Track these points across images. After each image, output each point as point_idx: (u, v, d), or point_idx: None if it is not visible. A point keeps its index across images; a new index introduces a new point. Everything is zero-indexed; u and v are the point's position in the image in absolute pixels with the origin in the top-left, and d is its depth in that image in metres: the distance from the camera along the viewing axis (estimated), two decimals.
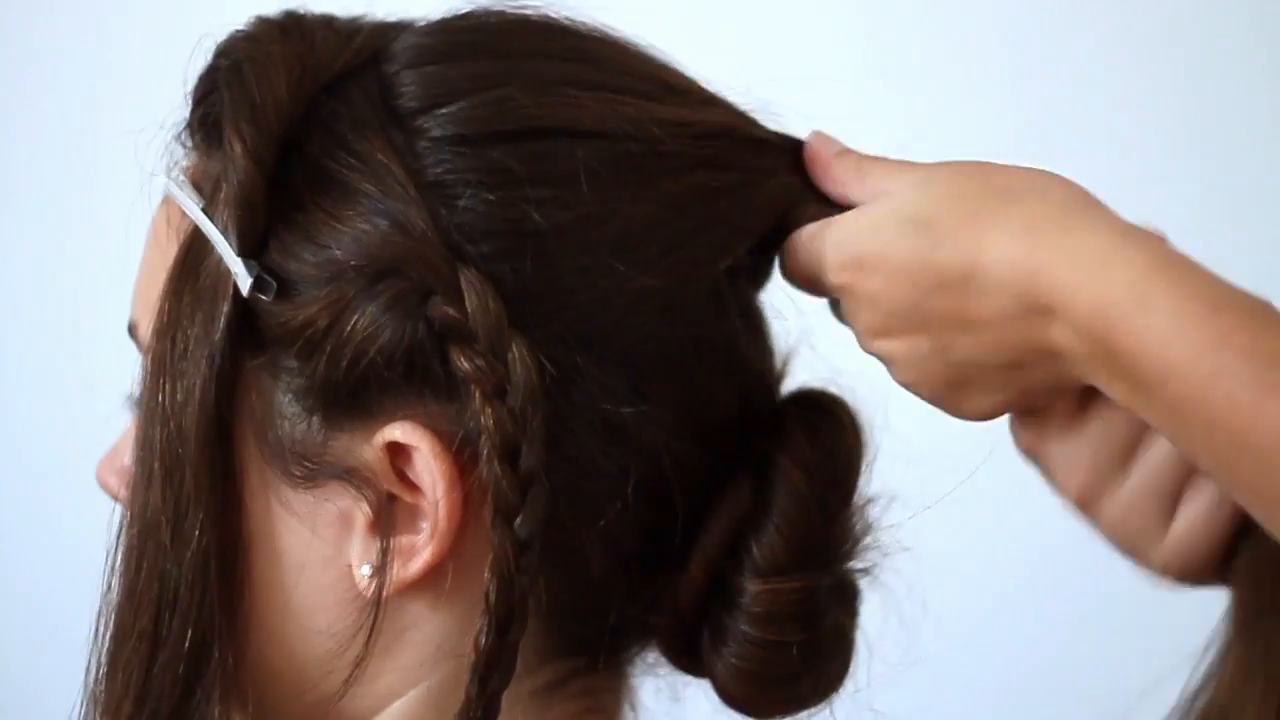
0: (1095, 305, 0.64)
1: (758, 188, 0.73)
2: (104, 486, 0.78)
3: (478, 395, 0.66)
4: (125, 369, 0.76)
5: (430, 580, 0.69)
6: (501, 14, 0.73)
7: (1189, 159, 1.48)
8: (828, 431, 0.74)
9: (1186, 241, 0.70)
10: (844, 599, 0.75)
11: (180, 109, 0.74)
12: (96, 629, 0.70)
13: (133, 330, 0.75)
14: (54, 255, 1.57)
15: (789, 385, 0.78)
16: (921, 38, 1.44)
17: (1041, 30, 1.45)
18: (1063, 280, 0.64)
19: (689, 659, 0.75)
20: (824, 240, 0.71)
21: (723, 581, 0.73)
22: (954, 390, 0.70)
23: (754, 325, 0.75)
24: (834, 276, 0.71)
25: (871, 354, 0.72)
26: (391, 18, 0.75)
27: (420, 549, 0.68)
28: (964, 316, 0.67)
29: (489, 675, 0.67)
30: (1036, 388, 0.69)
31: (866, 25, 1.40)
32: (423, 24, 0.74)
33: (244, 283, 0.68)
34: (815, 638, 0.73)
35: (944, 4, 1.44)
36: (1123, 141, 1.47)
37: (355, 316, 0.67)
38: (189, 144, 0.73)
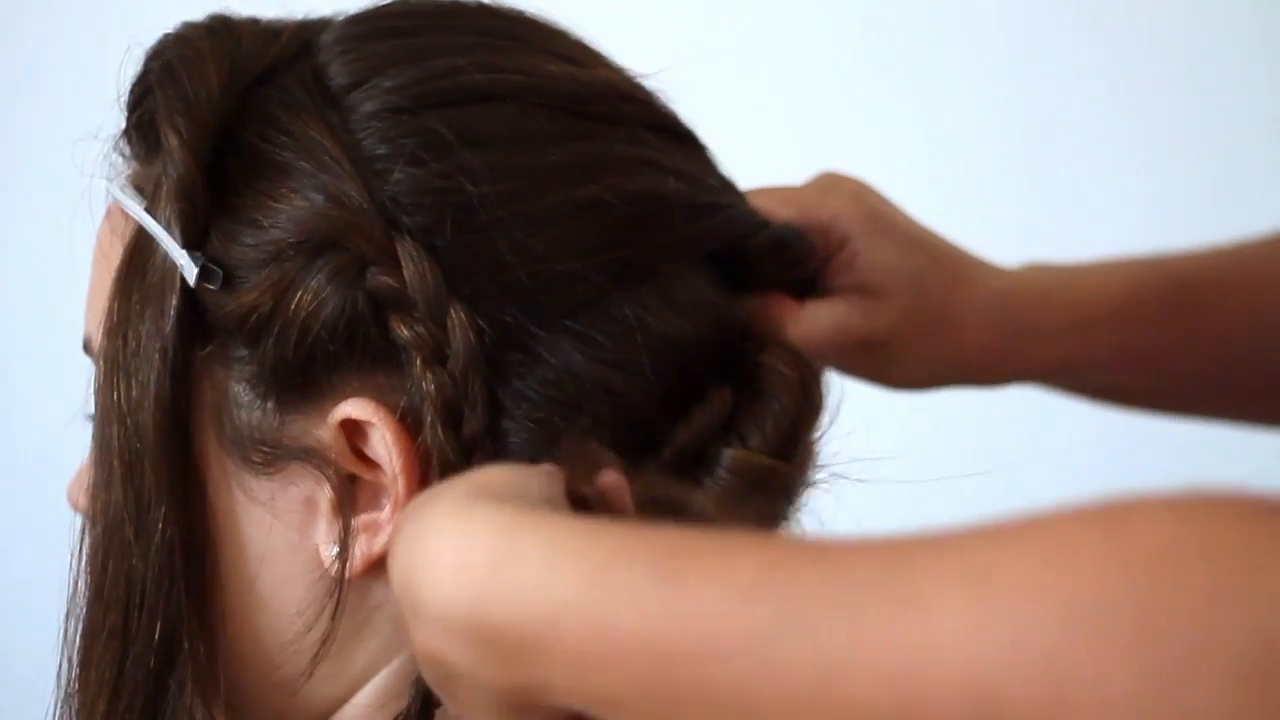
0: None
1: (710, 217, 0.74)
2: (75, 507, 0.79)
3: (418, 362, 0.67)
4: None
5: None
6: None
7: (1189, 158, 1.49)
8: (796, 362, 0.74)
9: (1187, 241, 0.71)
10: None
11: (113, 120, 0.75)
12: (66, 630, 0.71)
13: (88, 346, 0.75)
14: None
15: None
16: (920, 39, 1.45)
17: (1042, 30, 1.46)
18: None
19: None
20: None
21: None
22: None
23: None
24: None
25: None
26: (313, 15, 0.76)
27: (384, 525, 0.69)
28: None
29: None
30: None
31: (866, 26, 1.42)
32: (348, 15, 0.75)
33: (190, 273, 0.68)
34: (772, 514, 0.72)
35: (943, 4, 1.46)
36: (1123, 141, 1.48)
37: (298, 294, 0.68)
38: (128, 152, 0.74)
